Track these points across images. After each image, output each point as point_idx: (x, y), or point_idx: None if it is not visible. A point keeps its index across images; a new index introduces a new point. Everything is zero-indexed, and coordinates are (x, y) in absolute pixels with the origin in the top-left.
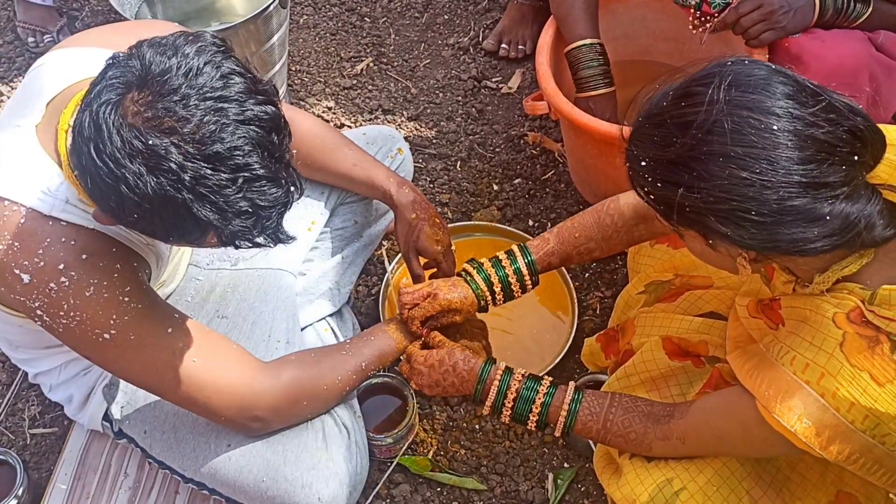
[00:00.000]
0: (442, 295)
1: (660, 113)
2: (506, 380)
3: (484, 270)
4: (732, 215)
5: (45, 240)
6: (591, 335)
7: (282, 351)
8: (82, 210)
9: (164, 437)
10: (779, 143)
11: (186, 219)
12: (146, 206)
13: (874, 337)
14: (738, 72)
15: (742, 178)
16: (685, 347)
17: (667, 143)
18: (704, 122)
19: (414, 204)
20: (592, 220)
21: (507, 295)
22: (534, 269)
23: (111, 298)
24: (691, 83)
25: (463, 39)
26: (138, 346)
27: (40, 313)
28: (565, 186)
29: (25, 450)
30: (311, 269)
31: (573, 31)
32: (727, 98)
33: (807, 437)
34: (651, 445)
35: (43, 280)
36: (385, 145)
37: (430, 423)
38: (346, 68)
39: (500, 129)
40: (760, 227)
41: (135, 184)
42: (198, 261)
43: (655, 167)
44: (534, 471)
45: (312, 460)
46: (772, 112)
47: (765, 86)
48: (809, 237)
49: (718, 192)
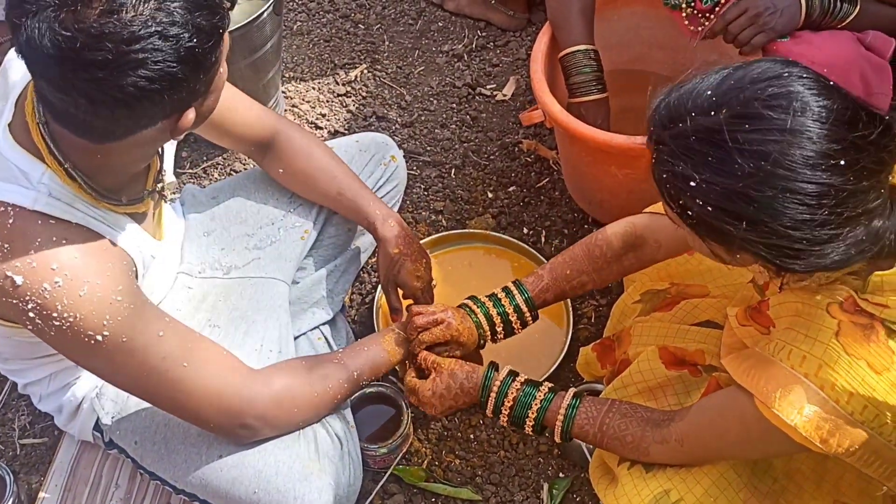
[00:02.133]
0: (455, 325)
1: (717, 130)
2: (507, 383)
3: (484, 306)
4: (789, 248)
5: (37, 240)
6: (587, 344)
7: (274, 360)
8: (66, 204)
9: (155, 447)
10: (843, 180)
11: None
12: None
13: (868, 324)
14: (802, 94)
15: (806, 218)
16: (682, 357)
17: (729, 170)
18: (780, 155)
19: (398, 238)
20: (583, 254)
21: (507, 331)
22: (531, 304)
23: (104, 298)
24: (754, 102)
25: (457, 46)
26: (130, 349)
27: (33, 316)
28: (560, 194)
29: (15, 460)
30: (304, 277)
31: (568, 37)
32: (797, 128)
33: (807, 430)
34: (649, 449)
35: (36, 281)
36: (378, 153)
37: (425, 432)
38: (339, 75)
39: (495, 136)
40: (811, 256)
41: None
42: (189, 269)
43: (709, 191)
44: (529, 481)
45: (305, 471)
46: (840, 145)
47: (829, 111)
48: (850, 257)
49: (780, 228)
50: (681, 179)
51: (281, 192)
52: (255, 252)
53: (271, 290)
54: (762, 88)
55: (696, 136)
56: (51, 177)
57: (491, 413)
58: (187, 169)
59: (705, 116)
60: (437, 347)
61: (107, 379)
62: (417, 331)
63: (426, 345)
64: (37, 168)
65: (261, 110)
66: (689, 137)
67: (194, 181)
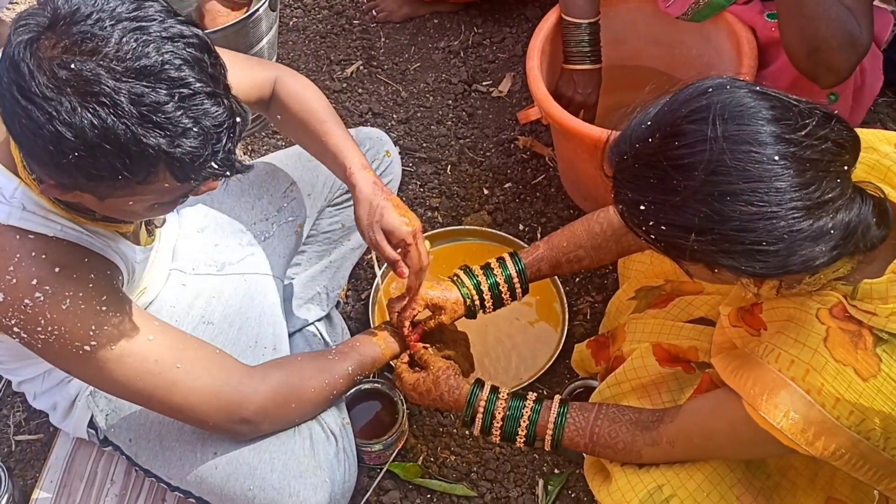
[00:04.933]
0: (422, 290)
1: (652, 153)
2: (492, 401)
3: (474, 275)
4: (744, 250)
5: (15, 255)
6: (582, 341)
7: (269, 357)
8: (41, 217)
9: (150, 445)
10: (781, 172)
11: (132, 149)
12: (88, 145)
13: (857, 331)
14: (727, 102)
15: (752, 213)
16: (675, 353)
17: (667, 186)
18: (708, 163)
19: (375, 185)
20: (582, 229)
21: (496, 301)
22: (524, 276)
23: (88, 309)
24: (680, 120)
25: (453, 43)
26: (119, 356)
27: (17, 330)
28: (556, 191)
29: (10, 456)
30: (299, 273)
31: (572, 5)
32: (724, 134)
33: (793, 433)
34: (640, 452)
35: (17, 297)
36: (373, 148)
37: (420, 428)
38: (335, 71)
39: (491, 133)
40: (772, 256)
41: (69, 120)
42: (182, 266)
43: (658, 211)
44: (524, 477)
45: (300, 468)
46: (768, 142)
47: (755, 114)
48: (817, 255)
49: (730, 231)
50: (632, 206)
51: (274, 188)
52: (248, 248)
53: (266, 287)
54: (686, 105)
55: (637, 163)
56: (24, 191)
57: (479, 432)
58: None
59: (643, 143)
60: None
61: (100, 387)
62: (394, 311)
63: (408, 321)
64: (10, 182)
65: (258, 65)
66: (633, 166)
67: None
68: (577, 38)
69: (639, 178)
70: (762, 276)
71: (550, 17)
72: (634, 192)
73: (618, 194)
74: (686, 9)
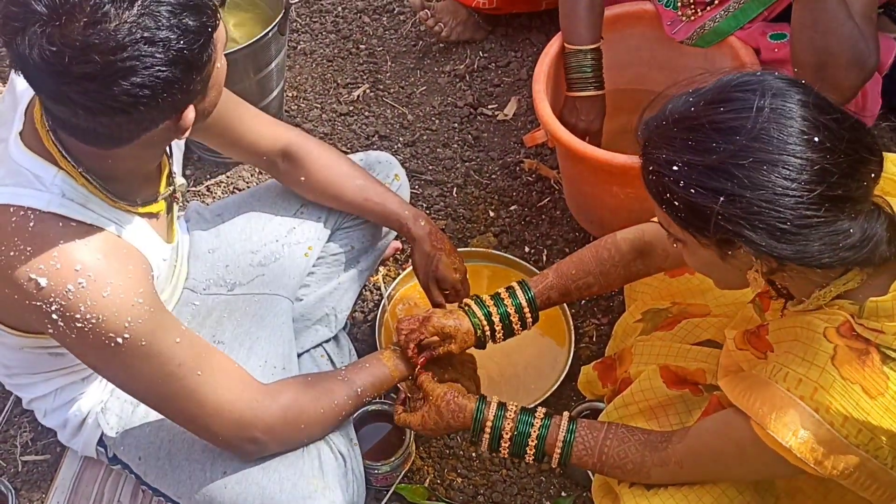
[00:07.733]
0: (435, 319)
1: (694, 117)
2: (500, 416)
3: (485, 305)
4: (769, 225)
5: (59, 241)
6: (588, 363)
7: (278, 376)
8: (79, 205)
9: (159, 463)
10: (820, 155)
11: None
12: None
13: (864, 349)
14: (776, 84)
15: (786, 187)
16: (683, 376)
17: (706, 148)
18: (752, 129)
19: (430, 236)
20: (590, 255)
21: (506, 330)
22: (534, 305)
23: (126, 300)
24: (729, 89)
25: (459, 67)
26: (147, 353)
27: (56, 318)
28: (561, 213)
29: (17, 477)
30: (308, 294)
31: (573, 32)
32: (772, 106)
33: (802, 452)
34: (650, 472)
35: (61, 282)
36: (382, 171)
37: (427, 450)
38: (342, 94)
39: (496, 155)
40: (793, 238)
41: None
42: (194, 285)
43: (691, 172)
44: (531, 500)
45: (309, 488)
46: (810, 125)
47: (801, 99)
48: (834, 249)
49: (761, 201)
50: (664, 166)
51: (285, 209)
52: (259, 269)
53: (275, 307)
54: (736, 80)
55: (676, 125)
56: (63, 178)
57: (487, 449)
58: (191, 187)
59: (685, 110)
60: (430, 349)
61: (121, 385)
62: (402, 334)
63: (413, 344)
64: (49, 171)
65: (270, 121)
66: (671, 128)
67: (198, 199)
68: (579, 65)
69: (676, 140)
70: (778, 259)
71: (556, 42)
72: (670, 153)
73: (649, 157)
74: (691, 34)
